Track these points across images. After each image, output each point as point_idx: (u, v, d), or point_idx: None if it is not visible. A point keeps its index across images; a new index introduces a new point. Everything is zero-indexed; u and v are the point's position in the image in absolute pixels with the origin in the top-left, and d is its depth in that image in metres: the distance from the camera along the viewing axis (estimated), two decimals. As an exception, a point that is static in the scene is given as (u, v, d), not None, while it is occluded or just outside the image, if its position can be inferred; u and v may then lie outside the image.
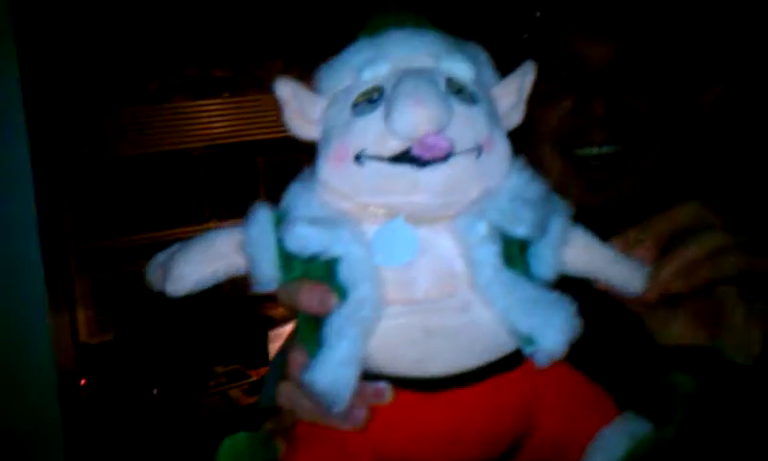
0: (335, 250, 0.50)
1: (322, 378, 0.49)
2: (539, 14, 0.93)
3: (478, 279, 0.51)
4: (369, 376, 0.51)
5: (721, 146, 1.04)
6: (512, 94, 0.57)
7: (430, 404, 0.51)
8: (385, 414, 0.52)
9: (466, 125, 0.52)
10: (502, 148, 0.54)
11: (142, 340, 3.00)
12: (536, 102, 0.57)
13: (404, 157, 0.51)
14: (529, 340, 0.51)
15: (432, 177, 0.51)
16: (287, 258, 0.53)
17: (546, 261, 0.54)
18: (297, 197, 0.54)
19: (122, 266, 3.37)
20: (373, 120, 0.51)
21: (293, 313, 0.55)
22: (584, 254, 0.57)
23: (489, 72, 0.57)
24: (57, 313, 2.24)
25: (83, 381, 2.92)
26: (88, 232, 3.34)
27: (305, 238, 0.51)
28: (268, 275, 0.54)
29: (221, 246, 0.55)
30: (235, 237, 0.54)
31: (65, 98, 3.08)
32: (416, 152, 0.51)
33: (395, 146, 0.51)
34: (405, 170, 0.51)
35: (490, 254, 0.51)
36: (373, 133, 0.51)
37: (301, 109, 0.55)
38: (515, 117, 0.58)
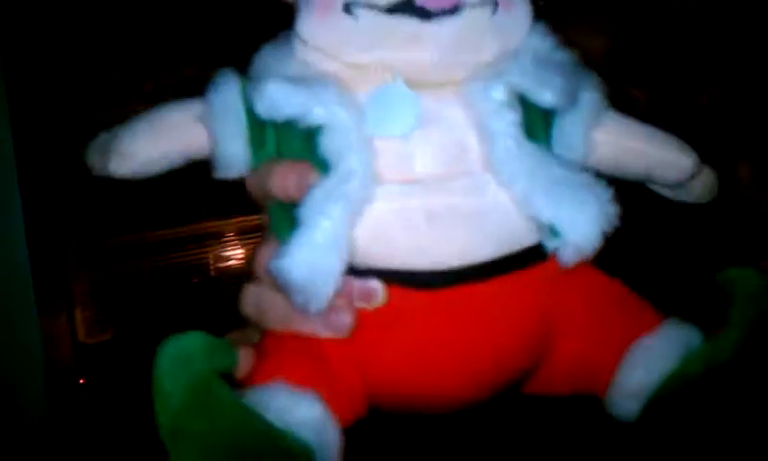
0: (316, 114, 0.41)
1: (297, 266, 0.39)
2: (542, 3, 0.86)
3: (494, 153, 0.42)
4: (356, 271, 0.41)
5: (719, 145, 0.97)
6: None
7: (431, 305, 0.42)
8: (376, 320, 0.42)
9: None
10: (522, 8, 0.45)
11: (142, 340, 2.91)
12: None
13: (405, 8, 0.42)
14: (553, 231, 0.42)
15: (438, 30, 0.42)
16: (258, 129, 0.44)
17: (575, 139, 0.45)
18: (270, 58, 0.45)
19: (121, 265, 3.29)
20: None
21: (264, 204, 0.46)
22: (619, 138, 0.47)
23: None
24: (53, 313, 2.16)
25: (81, 380, 2.84)
26: (87, 231, 3.27)
27: (279, 98, 0.41)
28: (234, 152, 0.44)
29: (175, 117, 0.46)
30: (194, 108, 0.45)
31: (60, 98, 3.01)
32: (418, 1, 0.42)
33: None
34: (406, 21, 0.42)
35: (509, 123, 0.42)
36: None
37: None
38: None
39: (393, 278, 0.42)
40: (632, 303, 0.46)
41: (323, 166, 0.42)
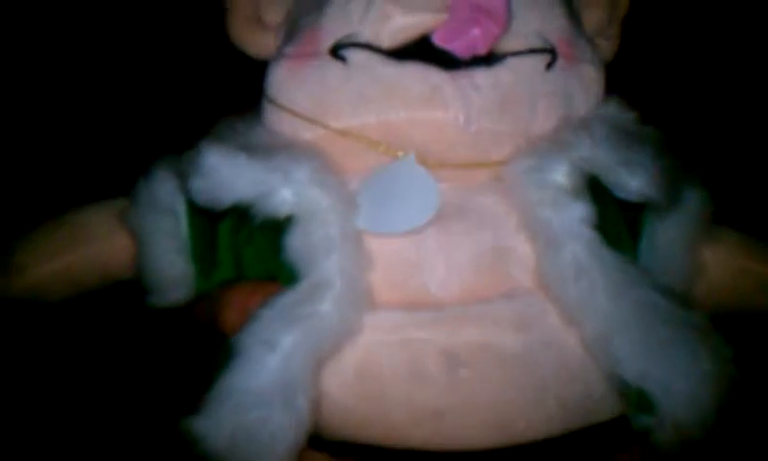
0: (281, 198, 0.27)
1: (219, 428, 0.24)
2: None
3: (554, 265, 0.27)
4: (325, 447, 0.26)
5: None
6: (600, 8, 0.35)
7: None
8: None
9: (530, 6, 0.30)
10: (590, 71, 0.32)
11: None
12: None
13: (419, 51, 0.29)
14: (643, 399, 0.26)
15: (469, 84, 0.29)
16: (205, 236, 0.30)
17: (676, 255, 0.30)
18: (227, 130, 0.31)
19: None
20: None
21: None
22: (736, 258, 0.32)
23: None
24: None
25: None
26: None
27: (224, 174, 0.27)
28: (169, 270, 0.30)
29: (89, 222, 0.33)
30: (115, 209, 0.32)
31: None
32: (439, 41, 0.29)
33: (401, 27, 0.29)
34: (420, 70, 0.28)
35: (577, 219, 0.27)
36: (364, 5, 0.29)
37: (256, 10, 0.34)
38: (604, 48, 0.35)
39: None
40: None
41: (290, 279, 0.27)
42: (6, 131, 0.47)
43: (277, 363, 0.24)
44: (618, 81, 0.34)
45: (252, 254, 0.29)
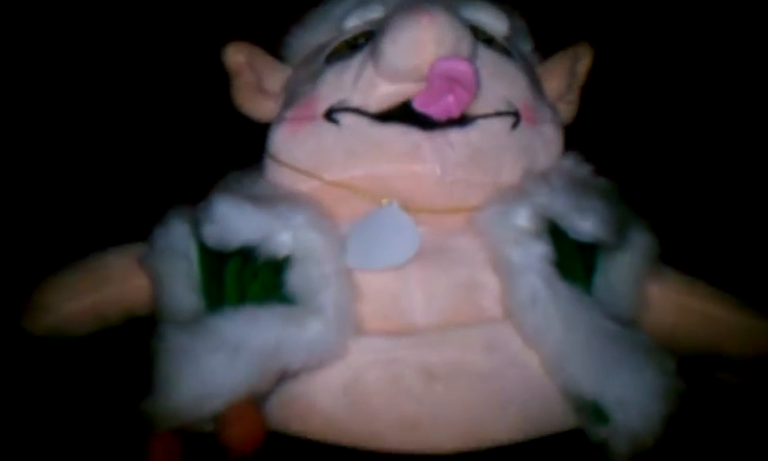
0: (281, 241, 0.31)
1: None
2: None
3: (516, 295, 0.31)
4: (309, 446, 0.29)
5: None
6: (560, 78, 0.40)
7: None
8: None
9: (496, 77, 0.35)
10: (550, 130, 0.36)
11: None
12: None
13: (401, 114, 0.33)
14: (597, 411, 0.29)
15: (444, 142, 0.33)
16: (213, 276, 0.34)
17: (624, 290, 0.34)
18: (233, 183, 0.35)
19: None
20: (355, 65, 0.34)
21: None
22: (680, 295, 0.36)
23: (527, 44, 0.41)
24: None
25: None
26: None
27: (232, 219, 0.31)
28: (182, 304, 0.33)
29: (111, 262, 0.36)
30: (135, 251, 0.35)
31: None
32: (418, 106, 0.33)
33: (385, 94, 0.34)
34: (403, 130, 0.33)
35: (536, 256, 0.31)
36: (354, 77, 0.34)
37: (258, 80, 0.39)
38: (564, 112, 0.40)
39: None
40: None
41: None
42: (31, 180, 0.51)
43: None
44: (578, 139, 0.39)
45: (255, 290, 0.33)
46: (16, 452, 0.41)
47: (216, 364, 0.29)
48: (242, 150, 0.37)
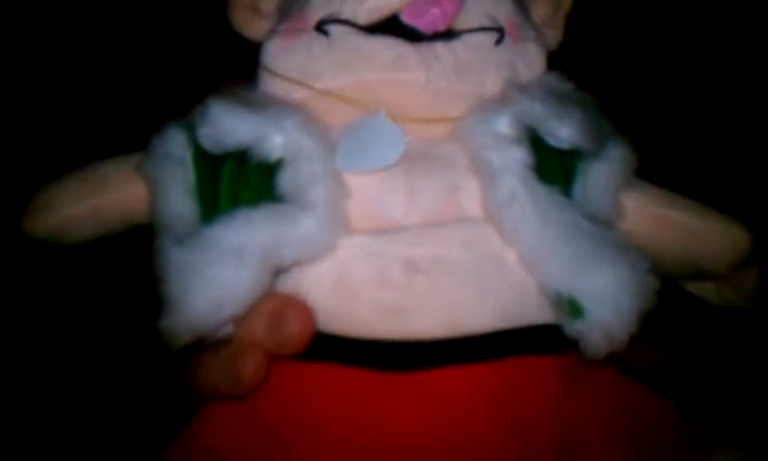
0: (274, 142, 0.32)
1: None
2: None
3: (494, 196, 0.32)
4: None
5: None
6: (546, 4, 0.41)
7: (405, 392, 0.30)
8: (327, 412, 0.31)
9: None
10: (533, 50, 0.38)
11: None
12: None
13: (389, 27, 0.35)
14: (573, 307, 0.31)
15: (430, 54, 0.35)
16: (209, 182, 0.35)
17: (601, 196, 0.35)
18: (228, 93, 0.36)
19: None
20: None
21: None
22: (652, 206, 0.37)
23: None
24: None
25: None
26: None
27: (227, 122, 0.33)
28: (179, 209, 0.34)
29: (110, 169, 0.37)
30: (133, 160, 0.36)
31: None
32: (406, 18, 0.35)
33: (374, 7, 0.35)
34: (390, 42, 0.35)
35: (514, 160, 0.33)
36: None
37: (252, 1, 0.40)
38: (550, 36, 0.41)
39: (353, 352, 0.31)
40: (678, 433, 0.34)
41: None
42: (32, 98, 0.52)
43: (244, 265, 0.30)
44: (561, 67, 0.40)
45: (248, 196, 0.34)
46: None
47: (223, 274, 0.30)
48: (239, 70, 0.39)
